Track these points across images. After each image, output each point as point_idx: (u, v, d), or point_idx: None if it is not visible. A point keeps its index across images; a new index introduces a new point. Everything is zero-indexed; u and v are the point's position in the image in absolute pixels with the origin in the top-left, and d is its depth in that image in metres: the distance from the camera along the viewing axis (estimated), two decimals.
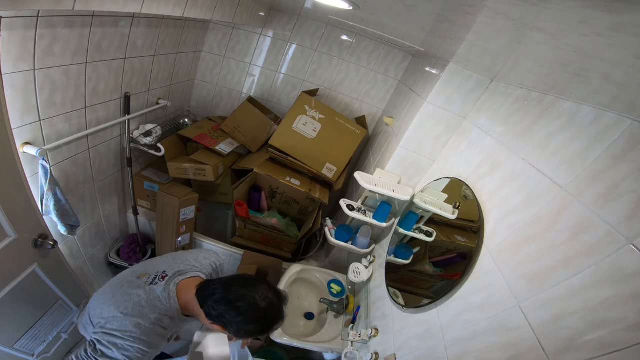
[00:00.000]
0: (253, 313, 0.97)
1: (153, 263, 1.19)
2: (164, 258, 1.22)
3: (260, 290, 1.00)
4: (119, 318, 0.98)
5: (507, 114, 1.19)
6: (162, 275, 1.09)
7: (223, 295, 0.98)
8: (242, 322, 0.97)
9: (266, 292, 1.01)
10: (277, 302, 1.02)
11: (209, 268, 1.23)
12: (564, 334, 0.65)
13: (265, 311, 0.99)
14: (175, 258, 1.20)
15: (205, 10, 1.55)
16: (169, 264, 1.16)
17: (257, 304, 0.97)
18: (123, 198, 2.14)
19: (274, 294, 1.03)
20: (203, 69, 2.60)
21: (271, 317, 1.01)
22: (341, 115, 2.30)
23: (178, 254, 1.24)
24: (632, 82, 0.57)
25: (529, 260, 0.81)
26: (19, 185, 1.18)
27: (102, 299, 1.07)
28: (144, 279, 1.08)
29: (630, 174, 0.65)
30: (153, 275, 1.10)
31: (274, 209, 2.34)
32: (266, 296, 1.00)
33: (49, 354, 1.61)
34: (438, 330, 1.06)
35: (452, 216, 1.28)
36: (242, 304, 0.96)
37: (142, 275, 1.10)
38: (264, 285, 1.03)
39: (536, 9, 0.48)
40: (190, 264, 1.17)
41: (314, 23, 2.42)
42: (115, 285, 1.10)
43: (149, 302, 1.01)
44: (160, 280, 1.07)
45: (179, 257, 1.21)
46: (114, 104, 1.66)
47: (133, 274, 1.13)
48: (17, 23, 1.00)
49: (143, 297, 1.02)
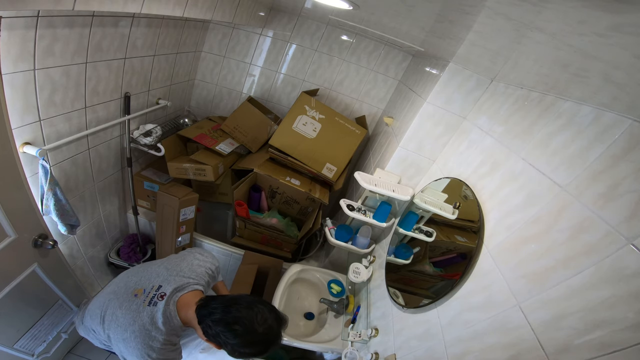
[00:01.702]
0: (249, 337, 0.96)
1: (147, 273, 1.16)
2: (157, 269, 1.18)
3: (260, 313, 0.99)
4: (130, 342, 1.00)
5: (507, 114, 1.19)
6: (160, 294, 1.07)
7: (221, 317, 0.97)
8: (237, 344, 0.96)
9: (265, 316, 0.99)
10: (275, 327, 1.00)
11: (205, 276, 1.22)
12: (564, 334, 0.65)
13: (262, 336, 0.97)
14: (169, 269, 1.16)
15: (205, 10, 1.55)
16: (163, 277, 1.13)
17: (255, 328, 0.96)
18: (123, 198, 2.14)
19: (274, 318, 1.01)
20: (203, 69, 2.60)
21: (267, 341, 0.99)
22: (341, 115, 2.31)
23: (171, 264, 1.20)
24: (632, 82, 0.57)
25: (529, 260, 0.81)
26: (19, 185, 1.18)
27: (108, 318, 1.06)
28: (142, 298, 1.06)
29: (630, 174, 0.65)
30: (149, 291, 1.08)
31: (274, 209, 2.34)
32: (265, 320, 0.98)
33: (49, 354, 1.61)
34: (438, 330, 1.06)
35: (452, 216, 1.28)
36: (238, 327, 0.95)
37: (139, 292, 1.08)
38: (265, 308, 1.01)
39: (536, 9, 0.48)
40: (186, 276, 1.15)
41: (314, 23, 2.42)
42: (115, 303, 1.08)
43: (153, 324, 1.02)
44: (160, 299, 1.05)
45: (172, 267, 1.18)
46: (114, 104, 1.66)
47: (128, 289, 1.10)
48: (17, 23, 1.00)
49: (146, 320, 1.02)
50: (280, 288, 1.76)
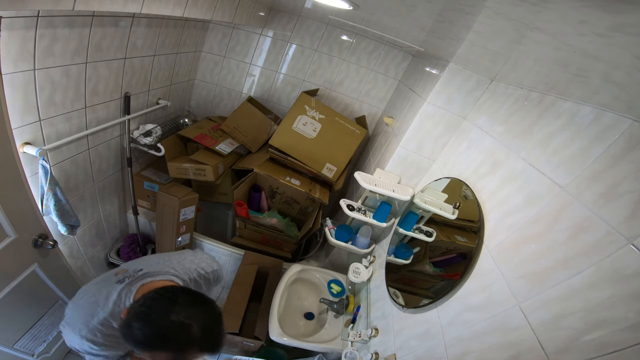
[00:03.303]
0: (150, 326, 0.82)
1: (140, 260, 1.14)
2: (152, 257, 1.16)
3: (182, 308, 0.84)
4: (77, 311, 0.95)
5: (507, 114, 1.19)
6: (135, 274, 1.02)
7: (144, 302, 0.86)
8: (137, 334, 0.82)
9: (189, 311, 0.84)
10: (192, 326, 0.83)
11: (193, 273, 1.14)
12: (564, 334, 0.65)
13: (163, 328, 0.82)
14: (161, 257, 1.14)
15: (205, 10, 1.55)
16: (150, 263, 1.09)
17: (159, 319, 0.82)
18: (123, 198, 2.14)
19: (190, 315, 0.84)
20: (203, 69, 2.60)
21: (168, 338, 0.82)
22: (341, 115, 2.31)
23: (168, 255, 1.18)
24: (632, 82, 0.57)
25: (529, 260, 0.81)
26: (19, 185, 1.18)
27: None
28: (120, 276, 1.01)
29: (630, 174, 0.65)
30: (130, 273, 1.03)
31: (274, 209, 2.34)
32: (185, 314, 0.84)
33: (49, 354, 1.61)
34: (438, 330, 1.06)
35: (452, 216, 1.28)
36: (144, 311, 0.84)
37: (121, 272, 1.04)
38: (194, 307, 0.86)
39: (536, 8, 0.48)
40: (170, 266, 1.09)
41: (314, 23, 2.42)
42: (99, 278, 1.05)
43: (105, 299, 0.94)
44: (128, 279, 1.00)
45: (165, 257, 1.15)
46: (114, 104, 1.66)
47: (117, 269, 1.08)
48: (17, 23, 1.00)
49: (103, 294, 0.96)
50: (280, 288, 1.76)
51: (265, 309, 1.74)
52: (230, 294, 1.87)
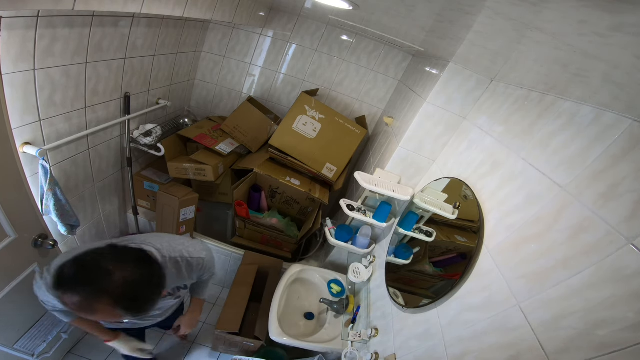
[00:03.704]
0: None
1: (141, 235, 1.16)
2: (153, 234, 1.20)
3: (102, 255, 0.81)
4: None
5: (507, 114, 1.19)
6: (123, 240, 1.04)
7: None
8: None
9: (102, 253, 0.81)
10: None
11: (176, 253, 1.09)
12: (564, 334, 0.65)
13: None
14: (159, 234, 1.17)
15: (205, 10, 1.55)
16: (147, 236, 1.12)
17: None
18: (123, 198, 2.14)
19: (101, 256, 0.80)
20: (203, 69, 2.60)
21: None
22: (341, 115, 2.31)
23: (168, 234, 1.20)
24: (632, 82, 0.57)
25: (529, 260, 0.81)
26: (19, 185, 1.18)
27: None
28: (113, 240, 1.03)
29: (630, 174, 0.65)
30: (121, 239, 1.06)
31: (274, 209, 2.34)
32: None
33: (49, 354, 1.60)
34: (438, 330, 1.06)
35: (452, 216, 1.28)
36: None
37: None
38: (130, 262, 0.83)
39: (536, 9, 0.48)
40: (158, 241, 1.08)
41: (314, 23, 2.42)
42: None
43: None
44: (117, 241, 1.00)
45: (163, 234, 1.17)
46: (114, 104, 1.66)
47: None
48: (17, 23, 1.00)
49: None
50: (280, 288, 1.76)
51: (265, 309, 1.74)
52: (230, 294, 1.87)
